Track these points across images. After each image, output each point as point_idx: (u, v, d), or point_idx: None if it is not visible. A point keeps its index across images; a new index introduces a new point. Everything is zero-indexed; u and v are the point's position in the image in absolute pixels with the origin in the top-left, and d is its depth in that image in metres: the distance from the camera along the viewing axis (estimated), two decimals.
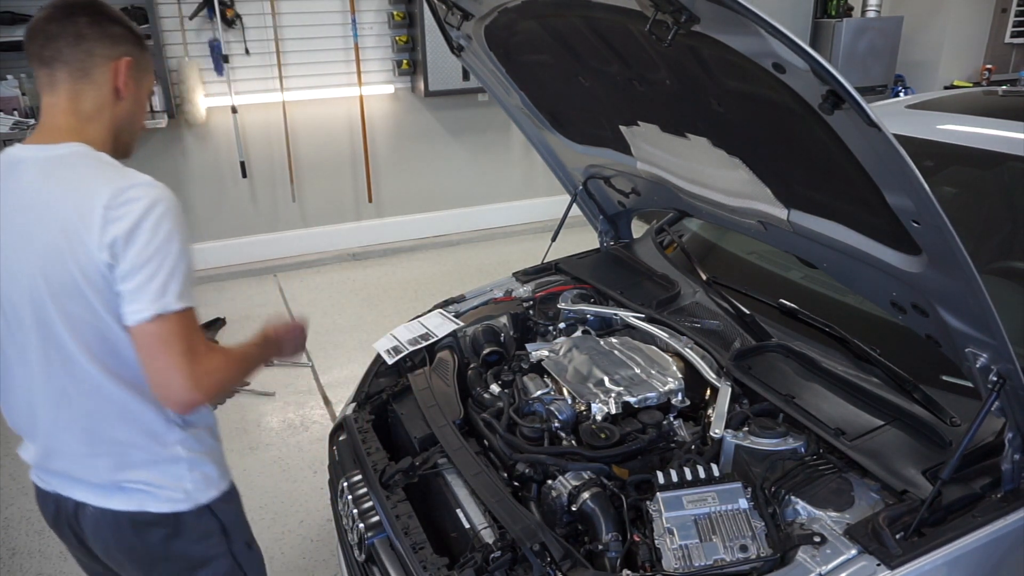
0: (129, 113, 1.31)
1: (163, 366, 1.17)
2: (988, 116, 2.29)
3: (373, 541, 1.53)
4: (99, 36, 1.23)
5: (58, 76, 1.23)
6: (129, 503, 1.30)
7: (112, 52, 1.25)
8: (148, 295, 1.15)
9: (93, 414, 1.26)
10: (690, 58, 1.34)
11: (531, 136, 2.46)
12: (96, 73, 1.24)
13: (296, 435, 3.28)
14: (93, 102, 1.25)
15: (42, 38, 1.22)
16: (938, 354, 1.43)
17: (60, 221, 1.16)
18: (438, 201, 5.68)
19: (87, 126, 1.25)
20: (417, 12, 4.88)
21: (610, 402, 1.64)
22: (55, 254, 1.16)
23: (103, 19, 1.24)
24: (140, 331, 1.17)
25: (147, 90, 1.35)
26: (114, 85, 1.26)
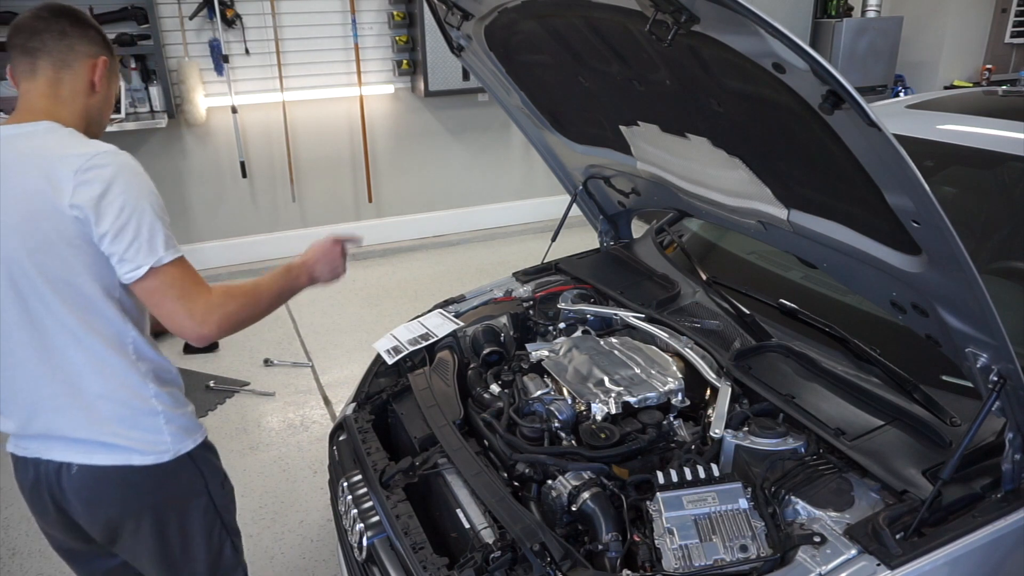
0: (99, 107, 1.44)
1: (168, 312, 1.31)
2: (988, 116, 2.29)
3: (373, 541, 1.53)
4: (80, 36, 1.39)
5: (40, 64, 1.36)
6: (114, 458, 1.38)
7: (90, 51, 1.40)
8: (139, 253, 1.27)
9: (73, 367, 1.34)
10: (690, 58, 1.34)
11: (531, 136, 2.46)
12: (76, 65, 1.38)
13: (296, 435, 3.28)
14: (70, 89, 1.38)
15: (28, 31, 1.35)
16: (938, 354, 1.43)
17: (33, 186, 1.26)
18: (438, 201, 5.68)
19: (62, 109, 1.37)
20: (417, 12, 4.88)
21: (610, 402, 1.64)
22: (30, 217, 1.26)
23: (84, 23, 1.41)
24: (140, 287, 1.30)
25: (115, 90, 1.49)
26: (90, 79, 1.40)
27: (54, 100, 1.37)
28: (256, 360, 3.94)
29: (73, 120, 1.38)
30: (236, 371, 3.82)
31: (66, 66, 1.37)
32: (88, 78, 1.40)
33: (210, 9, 4.48)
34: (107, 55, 1.42)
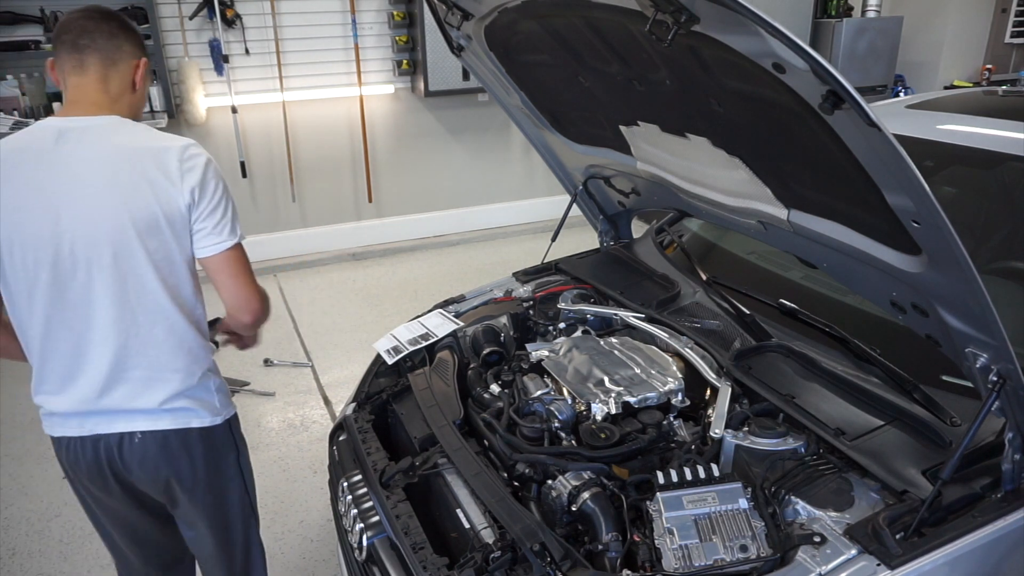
0: (138, 105, 1.56)
1: (239, 284, 1.52)
2: (988, 116, 2.29)
3: (373, 541, 1.53)
4: (126, 38, 1.50)
5: (88, 61, 1.45)
6: (176, 422, 1.53)
7: (134, 52, 1.52)
8: (226, 230, 1.48)
9: (156, 340, 1.49)
10: (690, 58, 1.34)
11: (531, 136, 2.46)
12: (122, 65, 1.49)
13: (296, 435, 3.28)
14: (118, 86, 1.49)
15: (78, 29, 1.45)
16: (938, 354, 1.43)
17: (141, 172, 1.40)
18: (438, 201, 5.68)
19: (114, 104, 1.49)
20: (417, 12, 4.88)
21: (610, 402, 1.64)
22: (141, 199, 1.39)
23: (129, 27, 1.52)
24: (223, 257, 1.49)
25: (147, 91, 1.61)
26: (132, 78, 1.51)
27: (107, 95, 1.47)
28: (256, 360, 3.94)
29: (124, 115, 1.49)
30: (236, 371, 3.82)
31: (114, 65, 1.47)
32: (131, 77, 1.51)
33: (210, 9, 4.48)
34: (145, 57, 1.54)
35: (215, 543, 1.70)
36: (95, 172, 1.39)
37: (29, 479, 3.01)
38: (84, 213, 1.39)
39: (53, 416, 1.52)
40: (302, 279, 5.11)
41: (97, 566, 2.54)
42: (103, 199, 1.39)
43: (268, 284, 4.97)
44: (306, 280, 5.09)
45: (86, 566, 2.55)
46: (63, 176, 1.39)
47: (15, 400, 3.57)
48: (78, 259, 1.40)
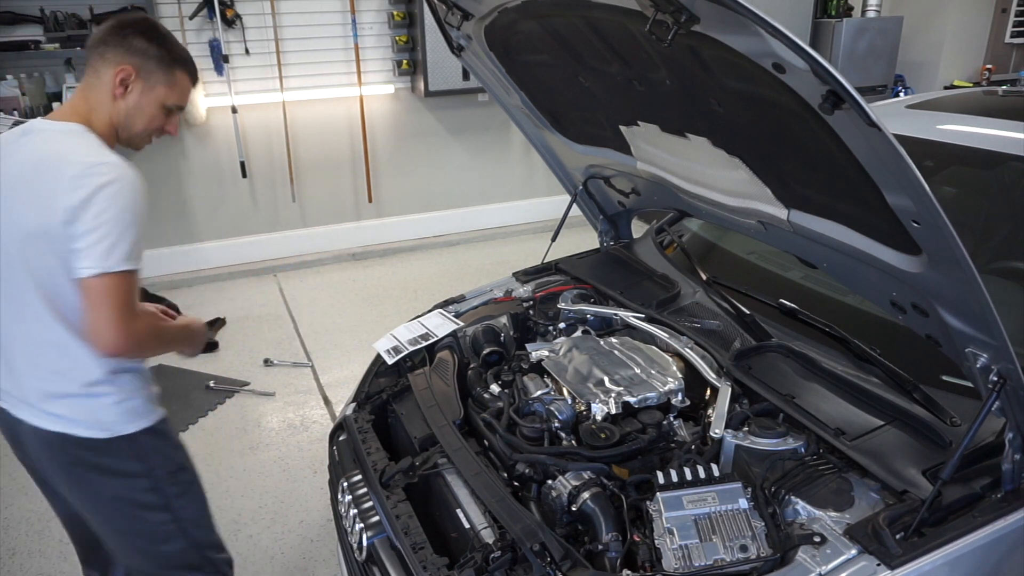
0: (122, 114, 1.51)
1: (96, 316, 1.38)
2: (988, 116, 2.29)
3: (373, 541, 1.53)
4: (114, 44, 1.48)
5: (85, 70, 1.50)
6: (57, 426, 1.51)
7: (118, 59, 1.47)
8: (96, 256, 1.36)
9: (37, 341, 1.48)
10: (690, 58, 1.34)
11: (531, 136, 2.46)
12: (103, 72, 1.48)
13: (296, 435, 3.28)
14: (97, 95, 1.49)
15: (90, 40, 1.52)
16: (938, 354, 1.43)
17: (40, 182, 1.39)
18: (438, 201, 5.68)
19: (92, 112, 1.49)
20: (417, 12, 4.88)
21: (610, 402, 1.63)
22: (30, 208, 1.40)
23: (121, 34, 1.48)
24: (86, 284, 1.38)
25: (149, 102, 1.53)
26: (112, 85, 1.48)
27: (85, 103, 1.49)
28: (256, 360, 3.94)
29: (103, 124, 1.49)
30: (236, 371, 3.82)
31: (95, 72, 1.48)
32: (111, 84, 1.48)
33: (210, 9, 4.48)
34: (132, 64, 1.47)
35: (126, 559, 1.67)
36: (12, 176, 1.44)
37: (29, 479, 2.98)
38: (4, 215, 1.44)
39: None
40: (302, 279, 5.11)
41: None
42: (13, 203, 1.43)
43: (268, 284, 4.99)
44: (306, 280, 5.09)
45: None
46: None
47: None
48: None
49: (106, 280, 1.37)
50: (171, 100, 1.56)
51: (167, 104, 1.55)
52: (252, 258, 5.18)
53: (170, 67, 1.52)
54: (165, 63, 1.51)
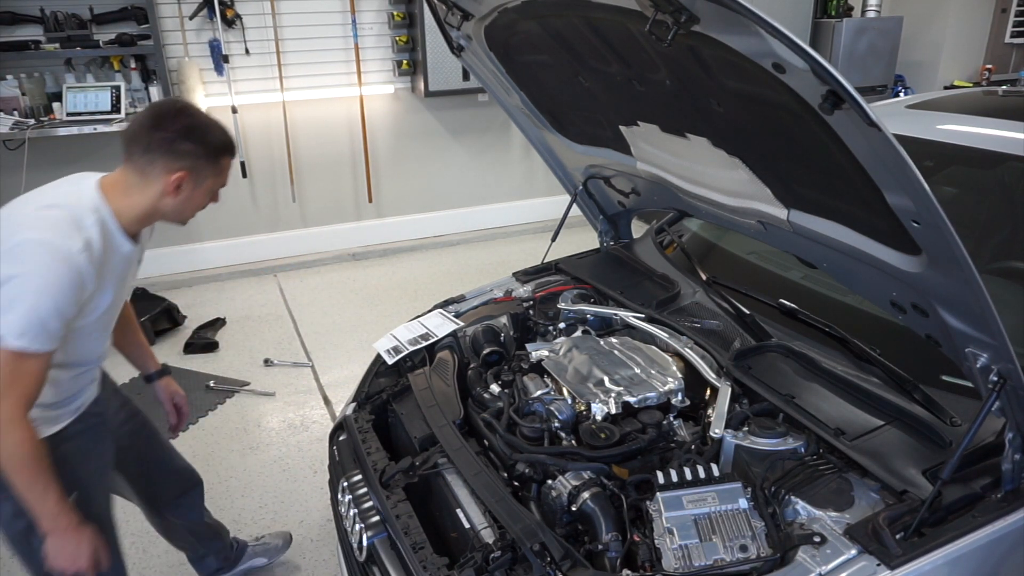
0: (178, 207, 1.60)
1: None
2: (988, 116, 2.29)
3: (373, 541, 1.53)
4: (165, 152, 1.52)
5: (128, 161, 1.56)
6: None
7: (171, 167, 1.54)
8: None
9: None
10: (690, 58, 1.34)
11: (531, 136, 2.46)
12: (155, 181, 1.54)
13: (296, 435, 3.28)
14: (142, 193, 1.55)
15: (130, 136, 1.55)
16: (938, 354, 1.43)
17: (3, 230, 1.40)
18: (438, 201, 5.68)
19: (124, 202, 1.53)
20: (417, 12, 4.88)
21: (610, 402, 1.64)
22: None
23: (175, 138, 1.53)
24: None
25: (205, 192, 1.63)
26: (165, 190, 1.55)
27: (123, 194, 1.53)
28: (256, 360, 3.94)
29: (135, 213, 1.54)
30: (236, 371, 3.82)
31: (143, 176, 1.53)
32: (163, 187, 1.53)
33: (210, 9, 4.48)
34: (185, 167, 1.53)
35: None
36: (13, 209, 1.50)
37: None
38: None
39: None
40: (302, 279, 5.11)
41: None
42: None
43: (268, 284, 4.99)
44: (306, 280, 5.09)
45: None
46: None
47: None
48: None
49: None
50: (219, 185, 1.64)
51: (217, 189, 1.65)
52: (252, 258, 5.18)
53: (217, 159, 1.60)
54: (212, 157, 1.58)
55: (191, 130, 1.54)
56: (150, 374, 1.98)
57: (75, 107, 4.20)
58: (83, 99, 4.22)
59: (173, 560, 2.55)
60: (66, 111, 4.19)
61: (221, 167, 1.62)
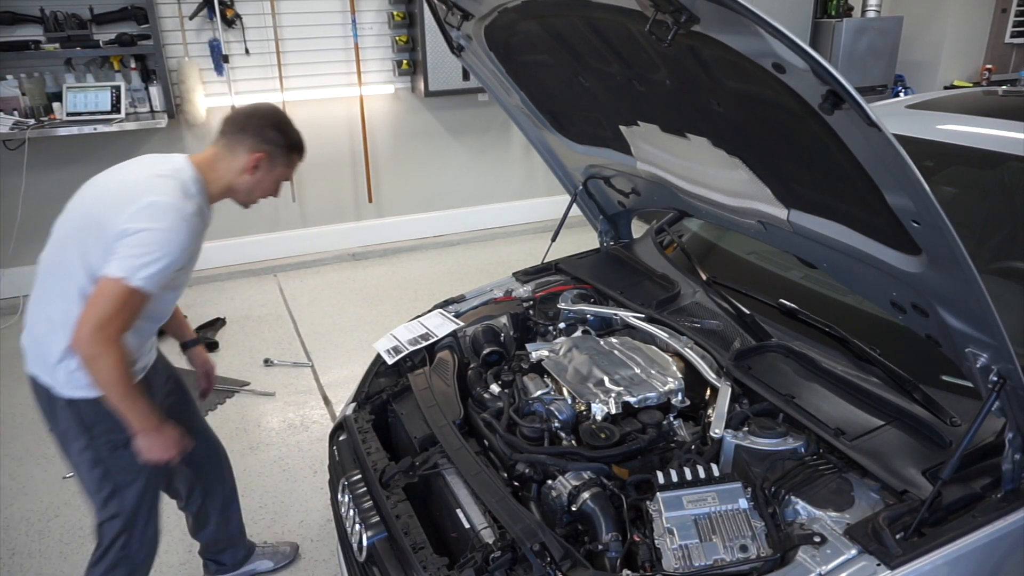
0: (250, 186, 1.85)
1: (88, 311, 1.58)
2: (988, 116, 2.29)
3: (373, 541, 1.53)
4: (254, 134, 1.79)
5: (218, 139, 1.85)
6: (33, 368, 1.76)
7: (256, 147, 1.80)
8: (118, 263, 1.57)
9: (56, 314, 1.68)
10: (690, 58, 1.34)
11: (531, 136, 2.46)
12: (239, 156, 1.81)
13: (296, 435, 3.28)
14: (226, 166, 1.82)
15: (229, 118, 1.86)
16: (938, 354, 1.43)
17: (117, 191, 1.66)
18: (438, 201, 5.68)
19: (212, 174, 1.80)
20: (417, 12, 4.88)
21: (610, 402, 1.64)
22: (102, 206, 1.65)
23: (266, 124, 1.80)
24: (100, 281, 1.59)
25: (274, 179, 1.86)
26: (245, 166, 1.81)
27: (212, 167, 1.80)
28: (256, 360, 3.94)
29: (217, 186, 1.81)
30: (236, 371, 3.82)
31: (231, 150, 1.81)
32: (244, 164, 1.79)
33: (210, 9, 4.48)
34: (265, 151, 1.79)
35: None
36: (118, 177, 1.74)
37: (29, 479, 3.01)
38: (94, 202, 1.72)
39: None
40: (302, 279, 5.11)
41: None
42: (104, 195, 1.70)
43: (268, 284, 4.99)
44: (306, 280, 5.09)
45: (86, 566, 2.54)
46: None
47: (15, 400, 3.57)
48: (66, 234, 1.71)
49: (112, 285, 1.56)
50: (284, 177, 1.88)
51: (282, 180, 1.88)
52: (252, 258, 5.18)
53: (290, 153, 1.84)
54: (288, 150, 1.83)
55: (279, 123, 1.81)
56: (187, 341, 2.17)
57: (75, 107, 4.20)
58: (83, 99, 4.22)
59: (173, 560, 2.55)
60: (66, 111, 4.19)
61: (291, 161, 1.85)
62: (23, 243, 4.47)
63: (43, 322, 1.72)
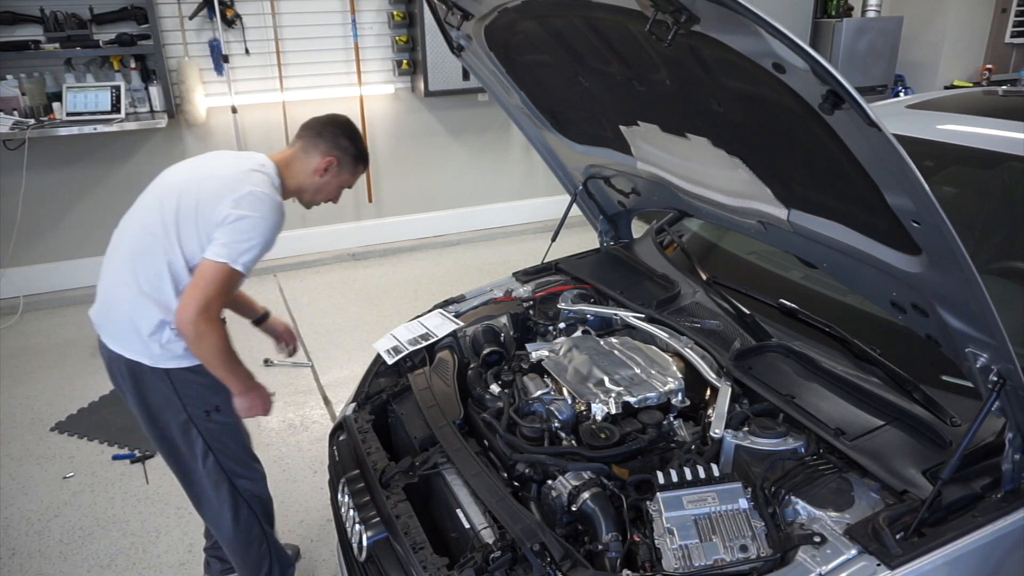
0: (316, 187, 1.98)
1: (191, 291, 1.73)
2: (988, 116, 2.29)
3: (373, 541, 1.53)
4: (329, 139, 1.94)
5: (296, 141, 1.98)
6: (122, 350, 1.85)
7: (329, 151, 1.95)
8: (217, 248, 1.72)
9: (144, 288, 1.79)
10: (690, 58, 1.34)
11: (531, 136, 2.46)
12: (313, 157, 1.95)
13: (296, 435, 3.28)
14: (299, 167, 1.95)
15: (308, 124, 1.99)
16: (938, 354, 1.43)
17: (221, 178, 1.79)
18: (438, 201, 5.68)
19: (287, 171, 1.93)
20: (417, 12, 4.88)
21: (610, 402, 1.64)
22: (205, 190, 1.78)
23: (340, 132, 1.96)
24: (202, 263, 1.74)
25: (339, 184, 2.01)
26: (316, 168, 1.94)
27: (287, 165, 1.92)
28: (256, 360, 3.94)
29: (291, 184, 1.93)
30: None
31: (306, 152, 1.94)
32: (316, 166, 1.93)
33: (210, 9, 4.48)
34: (337, 157, 1.94)
35: (168, 463, 2.00)
36: (218, 164, 1.90)
37: (29, 479, 3.01)
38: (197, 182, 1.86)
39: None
40: (302, 279, 5.11)
41: (97, 566, 2.54)
42: (204, 181, 1.85)
43: (268, 284, 4.99)
44: (306, 280, 5.09)
45: (86, 566, 2.55)
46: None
47: (15, 400, 3.57)
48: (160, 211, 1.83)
49: (213, 267, 1.71)
50: (347, 184, 2.02)
51: (344, 187, 2.03)
52: None
53: (357, 163, 2.00)
54: (356, 160, 1.98)
55: (352, 134, 1.98)
56: (259, 317, 2.32)
57: (75, 107, 4.20)
58: (83, 99, 4.22)
59: (173, 560, 2.55)
60: (66, 111, 4.19)
61: (356, 171, 2.01)
62: (23, 243, 4.47)
63: (127, 299, 1.80)
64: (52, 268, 4.69)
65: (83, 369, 3.85)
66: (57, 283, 4.72)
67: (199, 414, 1.91)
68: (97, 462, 3.11)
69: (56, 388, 3.68)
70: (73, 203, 4.60)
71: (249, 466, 2.07)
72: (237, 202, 1.73)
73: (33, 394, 3.62)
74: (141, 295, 1.79)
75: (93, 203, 4.62)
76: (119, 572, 2.51)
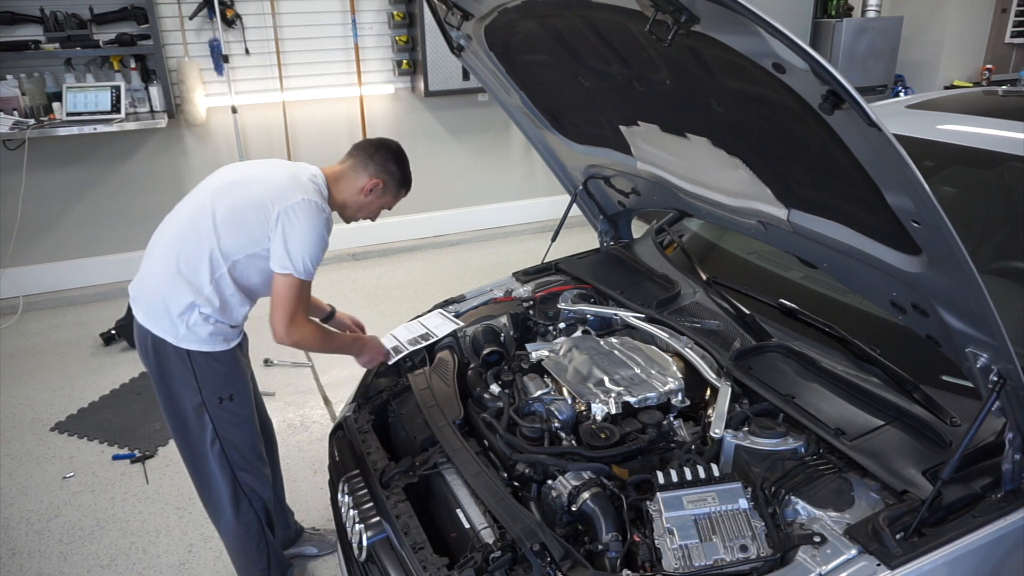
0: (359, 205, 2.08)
1: (271, 309, 1.91)
2: (988, 116, 2.29)
3: (373, 541, 1.53)
4: (379, 162, 2.05)
5: (346, 160, 2.06)
6: (147, 321, 1.92)
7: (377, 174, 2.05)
8: (276, 259, 1.86)
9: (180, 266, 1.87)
10: (690, 58, 1.34)
11: (531, 136, 2.46)
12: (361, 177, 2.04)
13: (296, 435, 3.28)
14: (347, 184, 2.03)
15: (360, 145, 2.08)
16: (938, 354, 1.43)
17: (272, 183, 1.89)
18: (438, 201, 5.68)
19: (335, 187, 2.01)
20: (417, 12, 4.88)
21: (610, 402, 1.64)
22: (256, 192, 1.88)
23: (389, 157, 2.08)
24: (274, 279, 1.89)
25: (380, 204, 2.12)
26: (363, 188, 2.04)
27: (336, 180, 2.01)
28: (256, 360, 3.92)
29: (336, 198, 2.01)
30: None
31: (355, 172, 2.03)
32: (363, 185, 2.03)
33: (210, 9, 4.48)
34: (383, 179, 2.05)
35: (178, 445, 2.06)
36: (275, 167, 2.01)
37: (29, 479, 3.01)
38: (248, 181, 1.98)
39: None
40: None
41: (97, 566, 2.54)
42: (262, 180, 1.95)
43: None
44: None
45: (86, 566, 2.55)
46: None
47: (15, 400, 3.57)
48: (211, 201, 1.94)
49: (280, 280, 1.86)
50: (387, 206, 2.13)
51: (384, 208, 2.14)
52: None
53: (400, 188, 2.12)
54: (400, 183, 2.11)
55: (401, 160, 2.11)
56: (327, 315, 2.37)
57: (75, 107, 4.20)
58: (83, 99, 4.22)
59: (173, 560, 2.55)
60: (66, 111, 4.19)
61: (399, 195, 2.14)
62: (23, 243, 4.47)
63: (164, 278, 1.87)
64: (52, 268, 4.69)
65: (83, 369, 3.85)
66: (57, 283, 4.72)
67: (213, 400, 1.96)
68: (97, 462, 3.11)
69: (56, 388, 3.68)
70: (73, 203, 4.60)
71: (254, 464, 2.10)
72: (295, 208, 1.83)
73: (33, 394, 3.62)
74: (178, 275, 1.86)
75: (93, 203, 4.61)
76: (119, 572, 2.51)
